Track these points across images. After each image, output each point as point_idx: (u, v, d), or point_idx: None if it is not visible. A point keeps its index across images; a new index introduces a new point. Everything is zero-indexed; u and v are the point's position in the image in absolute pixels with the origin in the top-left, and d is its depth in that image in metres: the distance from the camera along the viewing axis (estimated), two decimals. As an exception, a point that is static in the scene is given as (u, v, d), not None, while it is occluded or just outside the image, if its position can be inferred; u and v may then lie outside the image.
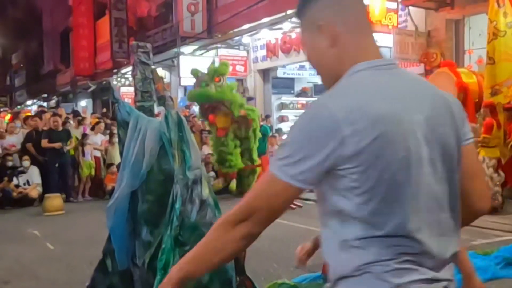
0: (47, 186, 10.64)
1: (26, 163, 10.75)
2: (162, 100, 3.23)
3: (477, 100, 8.75)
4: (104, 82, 21.94)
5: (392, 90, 1.28)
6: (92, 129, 12.29)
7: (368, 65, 1.31)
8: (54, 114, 11.84)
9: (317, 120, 1.21)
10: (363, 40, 1.35)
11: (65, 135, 11.12)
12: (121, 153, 3.57)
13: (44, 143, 10.80)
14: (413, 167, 1.23)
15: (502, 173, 7.76)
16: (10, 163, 10.86)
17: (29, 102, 35.95)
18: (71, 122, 12.61)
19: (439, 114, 1.31)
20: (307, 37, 1.39)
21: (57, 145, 10.83)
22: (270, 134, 12.88)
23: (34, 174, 10.76)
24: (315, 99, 1.33)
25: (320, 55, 1.36)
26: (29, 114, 21.41)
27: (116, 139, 11.60)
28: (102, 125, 12.37)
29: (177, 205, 3.04)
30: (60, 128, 11.11)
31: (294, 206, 9.85)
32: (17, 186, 10.53)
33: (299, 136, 1.24)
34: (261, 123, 12.92)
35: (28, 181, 10.68)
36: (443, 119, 1.31)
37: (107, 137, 12.05)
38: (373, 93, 1.25)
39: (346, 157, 1.19)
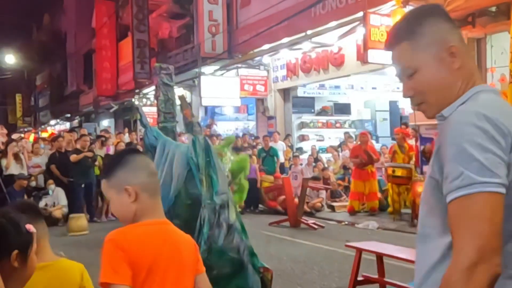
0: (72, 206, 10.77)
1: (52, 187, 10.90)
2: (189, 126, 3.27)
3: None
4: (126, 103, 22.24)
5: (508, 110, 1.35)
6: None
7: (483, 87, 1.41)
8: (81, 135, 12.03)
9: (486, 122, 1.23)
10: (474, 66, 1.50)
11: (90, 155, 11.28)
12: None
13: (73, 157, 10.90)
14: None
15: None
16: (33, 183, 11.05)
17: (52, 122, 36.62)
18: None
19: None
20: (426, 60, 1.42)
21: (89, 153, 11.03)
22: (279, 156, 13.30)
23: (60, 196, 10.89)
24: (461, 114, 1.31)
25: (441, 78, 1.42)
26: (48, 133, 21.77)
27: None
28: (122, 145, 12.49)
29: (205, 230, 3.07)
30: (86, 149, 11.28)
31: (316, 227, 9.76)
32: (44, 208, 10.67)
33: (476, 144, 1.20)
34: (270, 143, 13.12)
35: (54, 203, 10.83)
36: None
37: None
38: (502, 111, 1.30)
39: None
